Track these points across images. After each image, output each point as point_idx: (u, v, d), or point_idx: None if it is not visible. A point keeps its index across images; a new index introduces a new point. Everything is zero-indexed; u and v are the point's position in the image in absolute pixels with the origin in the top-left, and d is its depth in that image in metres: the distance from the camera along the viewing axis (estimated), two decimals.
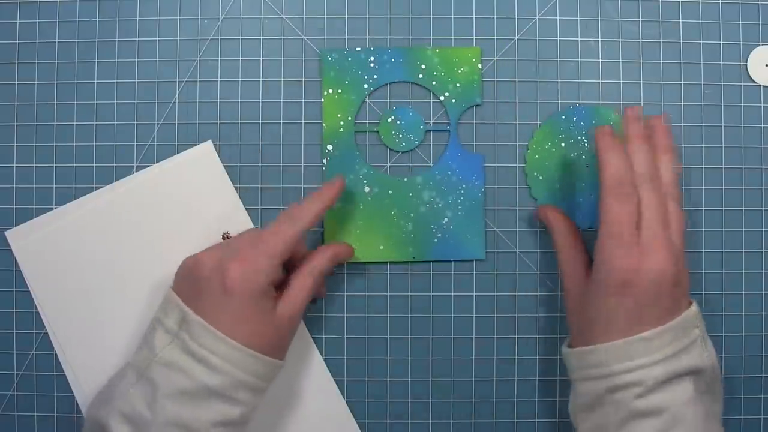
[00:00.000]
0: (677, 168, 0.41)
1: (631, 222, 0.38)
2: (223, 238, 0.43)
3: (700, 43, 0.48)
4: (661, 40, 0.48)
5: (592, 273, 0.39)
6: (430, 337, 0.47)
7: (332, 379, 0.47)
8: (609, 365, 0.37)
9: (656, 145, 0.41)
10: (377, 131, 0.47)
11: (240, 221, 0.47)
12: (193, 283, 0.39)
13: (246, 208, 0.47)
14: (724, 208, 0.47)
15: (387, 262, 0.47)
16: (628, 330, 0.37)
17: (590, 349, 0.38)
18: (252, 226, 0.47)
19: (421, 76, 0.47)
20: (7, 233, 0.47)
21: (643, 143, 0.40)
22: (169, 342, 0.38)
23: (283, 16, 0.48)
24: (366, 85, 0.47)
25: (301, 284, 0.41)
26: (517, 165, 0.48)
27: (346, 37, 0.48)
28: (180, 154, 0.47)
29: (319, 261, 0.42)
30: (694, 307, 0.39)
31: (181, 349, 0.37)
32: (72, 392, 0.46)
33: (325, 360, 0.47)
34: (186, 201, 0.47)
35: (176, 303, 0.39)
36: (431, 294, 0.47)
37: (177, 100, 0.48)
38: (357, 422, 0.47)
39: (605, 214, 0.38)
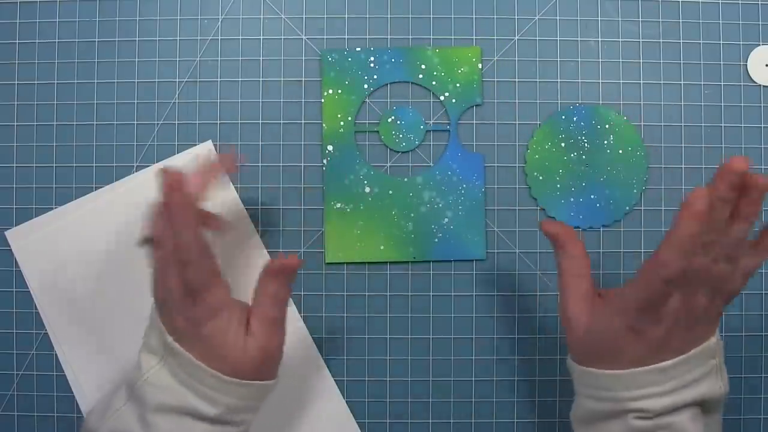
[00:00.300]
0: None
1: (663, 300, 0.35)
2: (145, 241, 0.39)
3: (700, 43, 0.48)
4: (661, 40, 0.48)
5: (605, 312, 0.37)
6: (430, 337, 0.47)
7: (332, 379, 0.47)
8: (616, 391, 0.36)
9: (740, 207, 0.35)
10: (377, 131, 0.47)
11: (240, 221, 0.47)
12: (167, 319, 0.38)
13: (246, 208, 0.47)
14: None
15: (387, 262, 0.47)
16: (642, 361, 0.36)
17: (598, 373, 0.37)
18: (251, 225, 0.47)
19: (421, 76, 0.47)
20: (7, 233, 0.47)
21: (724, 206, 0.35)
22: (156, 363, 0.37)
23: (283, 16, 0.48)
24: (366, 86, 0.47)
25: (261, 320, 0.38)
26: (517, 165, 0.48)
27: (346, 37, 0.48)
28: (180, 154, 0.47)
29: (273, 290, 0.39)
30: (714, 338, 0.37)
31: (170, 373, 0.37)
32: (72, 392, 0.46)
33: (325, 360, 0.47)
34: None
35: (159, 328, 0.38)
36: (431, 294, 0.47)
37: (177, 100, 0.48)
38: (357, 422, 0.47)
39: (649, 281, 0.35)
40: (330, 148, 0.47)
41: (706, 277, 0.35)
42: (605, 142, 0.47)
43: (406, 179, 0.47)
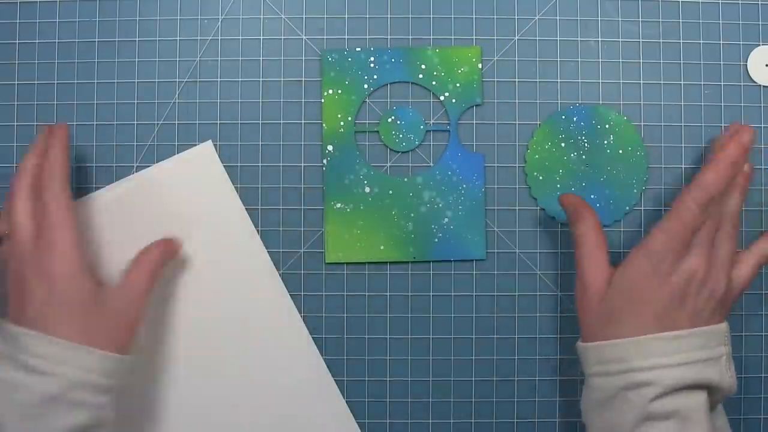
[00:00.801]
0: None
1: (694, 228, 0.38)
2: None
3: (700, 43, 0.48)
4: (661, 40, 0.48)
5: (638, 247, 0.39)
6: (430, 337, 0.47)
7: (332, 379, 0.47)
8: (628, 361, 0.37)
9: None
10: (377, 131, 0.47)
11: (239, 221, 0.47)
12: (16, 293, 0.38)
13: (246, 208, 0.47)
14: None
15: (387, 262, 0.47)
16: (654, 326, 0.37)
17: (611, 343, 0.38)
18: (251, 226, 0.47)
19: (421, 76, 0.47)
20: None
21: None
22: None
23: (283, 16, 0.48)
24: (366, 86, 0.47)
25: (136, 277, 0.41)
26: (517, 165, 0.48)
27: (346, 37, 0.48)
28: (180, 154, 0.47)
29: (153, 257, 0.42)
30: (724, 325, 0.39)
31: (12, 366, 0.36)
32: None
33: (325, 360, 0.47)
34: (185, 201, 0.47)
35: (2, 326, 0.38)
36: (431, 294, 0.47)
37: (177, 100, 0.48)
38: (357, 422, 0.47)
39: (680, 209, 0.38)
40: (330, 148, 0.47)
41: (731, 225, 0.40)
42: (605, 142, 0.47)
43: (406, 179, 0.47)
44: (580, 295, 0.41)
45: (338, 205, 0.47)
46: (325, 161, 0.47)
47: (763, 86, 0.48)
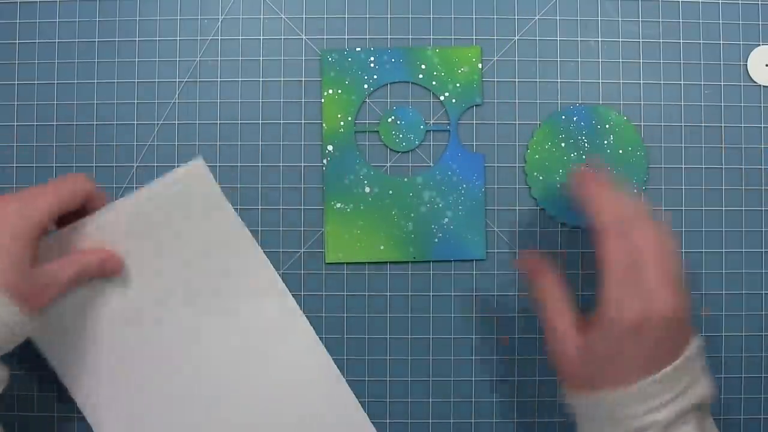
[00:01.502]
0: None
1: (635, 261, 0.36)
2: None
3: (700, 43, 0.48)
4: (661, 40, 0.48)
5: (600, 315, 0.37)
6: (430, 337, 0.47)
7: (342, 377, 0.46)
8: (623, 410, 0.36)
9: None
10: (377, 131, 0.47)
11: (240, 239, 0.46)
12: None
13: (246, 208, 0.47)
14: (724, 208, 0.47)
15: (387, 262, 0.47)
16: (642, 370, 0.36)
17: (602, 396, 0.36)
18: (256, 244, 0.46)
19: (421, 76, 0.47)
20: None
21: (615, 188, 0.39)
22: None
23: (283, 16, 0.48)
24: (366, 85, 0.47)
25: (61, 266, 0.40)
26: (517, 165, 0.48)
27: (346, 37, 0.48)
28: (168, 174, 0.43)
29: (87, 258, 0.41)
30: (697, 340, 0.37)
31: None
32: None
33: None
34: (181, 222, 0.44)
35: None
36: (431, 294, 0.47)
37: (177, 100, 0.48)
38: None
39: (609, 255, 0.36)
40: (330, 148, 0.47)
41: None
42: (605, 142, 0.47)
43: (406, 179, 0.47)
44: (558, 351, 0.39)
45: (338, 205, 0.47)
46: (325, 161, 0.47)
47: (763, 86, 0.48)
